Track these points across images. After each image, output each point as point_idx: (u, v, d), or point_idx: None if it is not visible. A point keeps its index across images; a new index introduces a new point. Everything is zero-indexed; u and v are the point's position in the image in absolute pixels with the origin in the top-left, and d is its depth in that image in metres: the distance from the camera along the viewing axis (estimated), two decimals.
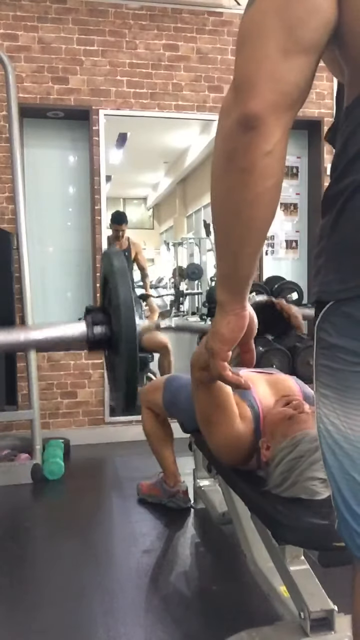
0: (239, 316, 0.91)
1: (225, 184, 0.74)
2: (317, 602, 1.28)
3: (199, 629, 1.65)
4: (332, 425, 0.75)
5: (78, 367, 3.60)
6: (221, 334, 0.93)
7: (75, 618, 1.71)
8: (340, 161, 0.71)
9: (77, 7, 3.49)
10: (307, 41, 0.64)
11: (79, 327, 1.12)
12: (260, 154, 0.68)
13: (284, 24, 0.63)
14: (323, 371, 0.76)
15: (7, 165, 3.25)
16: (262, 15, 0.65)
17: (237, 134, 0.68)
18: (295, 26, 0.63)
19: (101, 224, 3.59)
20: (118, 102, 3.57)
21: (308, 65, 0.65)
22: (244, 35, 0.67)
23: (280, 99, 0.65)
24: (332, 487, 0.78)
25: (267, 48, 0.64)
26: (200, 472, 2.45)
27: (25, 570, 2.02)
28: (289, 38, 0.63)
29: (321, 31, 0.64)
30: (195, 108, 3.69)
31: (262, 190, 0.71)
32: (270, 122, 0.66)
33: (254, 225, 0.76)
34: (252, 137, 0.67)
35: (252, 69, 0.65)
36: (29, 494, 2.80)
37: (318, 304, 0.75)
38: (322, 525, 1.23)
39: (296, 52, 0.64)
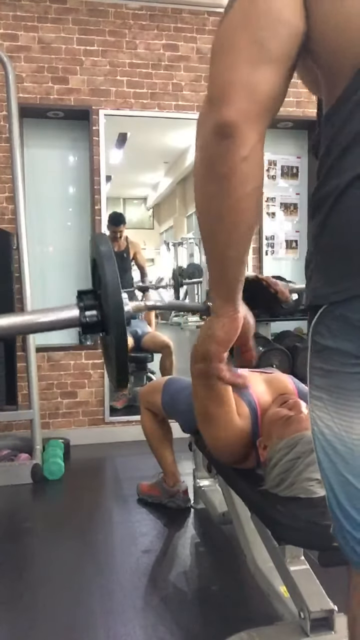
0: (232, 318, 0.92)
1: (206, 191, 0.76)
2: (317, 602, 1.28)
3: (199, 629, 1.65)
4: (326, 428, 0.75)
5: (78, 367, 3.60)
6: (216, 337, 0.94)
7: (75, 618, 1.71)
8: (323, 165, 0.72)
9: (77, 7, 3.49)
10: (275, 52, 0.66)
11: (71, 312, 1.14)
12: (236, 160, 0.69)
13: (252, 36, 0.66)
14: (317, 374, 0.76)
15: (7, 165, 3.25)
16: (233, 29, 0.68)
17: (214, 143, 0.70)
18: (262, 38, 0.66)
19: (101, 224, 3.59)
20: (118, 102, 3.57)
21: (278, 75, 0.68)
22: (216, 48, 0.70)
23: (253, 107, 0.67)
24: (326, 489, 0.78)
25: (238, 59, 0.67)
26: (200, 472, 2.45)
27: (25, 570, 2.02)
28: (257, 49, 0.66)
29: (288, 42, 0.66)
30: (195, 108, 3.69)
31: (242, 195, 0.72)
32: (245, 130, 0.68)
33: (237, 230, 0.77)
34: (228, 145, 0.69)
35: (225, 80, 0.68)
36: (29, 494, 2.80)
37: (312, 308, 0.75)
38: (322, 525, 1.22)
39: (265, 63, 0.66)
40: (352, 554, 0.77)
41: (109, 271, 1.08)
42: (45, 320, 1.15)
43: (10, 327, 1.13)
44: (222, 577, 1.95)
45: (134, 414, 3.21)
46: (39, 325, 1.16)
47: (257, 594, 1.64)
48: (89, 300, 1.16)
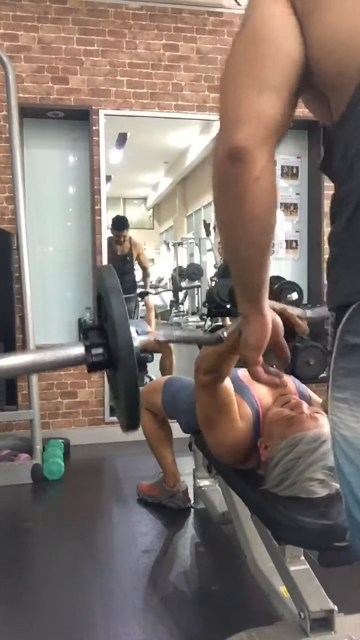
0: (261, 323, 0.97)
1: (224, 210, 0.81)
2: (317, 602, 1.28)
3: (199, 629, 1.66)
4: (348, 430, 0.73)
5: (78, 367, 3.59)
6: (250, 343, 1.00)
7: (75, 618, 1.71)
8: (342, 167, 0.73)
9: (77, 7, 3.48)
10: (276, 80, 0.72)
11: (76, 350, 1.09)
12: (249, 181, 0.74)
13: (256, 66, 0.72)
14: (341, 373, 0.74)
15: (7, 165, 3.25)
16: (238, 61, 0.74)
17: (227, 166, 0.75)
18: (264, 67, 0.72)
19: (101, 224, 3.59)
20: (118, 102, 3.57)
21: (282, 101, 0.73)
22: (224, 79, 0.76)
23: (261, 131, 0.72)
24: (345, 494, 0.75)
25: (244, 88, 0.72)
26: (200, 472, 2.45)
27: (25, 570, 2.02)
28: (262, 78, 0.72)
29: (288, 70, 0.72)
30: (195, 108, 3.69)
31: (257, 213, 0.77)
32: (254, 152, 0.73)
33: (255, 244, 0.83)
34: (240, 167, 0.73)
35: (234, 108, 0.73)
36: (29, 494, 2.80)
37: (340, 308, 0.75)
38: (322, 525, 1.23)
39: (269, 90, 0.71)
40: None
41: (116, 307, 1.03)
42: (48, 360, 1.10)
43: (11, 368, 1.09)
44: (222, 577, 1.95)
45: None
46: (41, 365, 1.10)
47: (257, 594, 1.64)
48: (94, 338, 1.11)
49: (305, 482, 1.33)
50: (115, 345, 1.03)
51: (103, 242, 3.61)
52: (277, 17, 0.71)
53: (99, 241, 3.59)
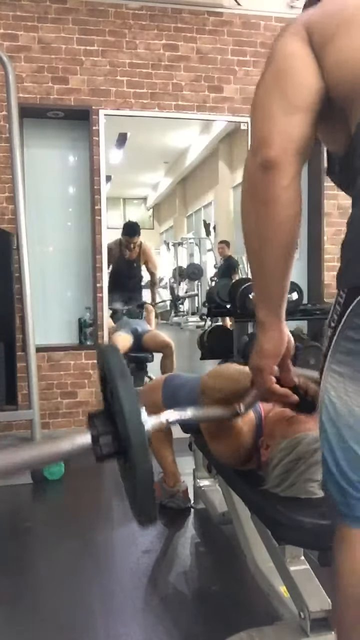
0: (280, 331, 1.02)
1: (253, 216, 0.91)
2: (317, 602, 1.28)
3: (199, 629, 1.65)
4: (337, 399, 0.83)
5: (78, 367, 3.60)
6: (265, 350, 1.03)
7: (75, 618, 1.71)
8: None
9: (77, 7, 3.49)
10: (300, 103, 0.85)
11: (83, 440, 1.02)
12: (279, 188, 0.86)
13: (282, 93, 0.86)
14: (342, 351, 0.83)
15: (7, 165, 3.25)
16: (267, 89, 0.88)
17: (260, 176, 0.87)
18: (290, 94, 0.86)
19: (101, 224, 3.59)
20: (118, 102, 3.57)
21: (306, 121, 0.86)
22: (255, 105, 0.90)
23: (290, 146, 0.85)
24: (325, 452, 0.87)
25: (274, 112, 0.86)
26: (200, 472, 2.45)
27: (25, 570, 2.02)
28: (287, 103, 0.85)
29: (309, 95, 0.85)
30: (195, 108, 3.69)
31: (284, 218, 0.88)
32: (285, 164, 0.85)
33: (280, 249, 0.91)
34: (272, 176, 0.86)
35: (265, 128, 0.87)
36: (29, 494, 2.80)
37: (352, 290, 0.81)
38: (322, 525, 1.23)
39: (295, 112, 0.85)
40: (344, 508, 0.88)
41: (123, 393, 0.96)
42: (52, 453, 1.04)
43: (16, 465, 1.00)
44: (222, 577, 1.95)
45: None
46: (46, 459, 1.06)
47: (257, 594, 1.64)
48: (102, 426, 1.03)
49: (305, 483, 1.33)
50: (125, 433, 0.96)
51: (103, 242, 3.60)
52: (297, 52, 0.86)
53: (99, 241, 3.59)
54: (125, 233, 4.45)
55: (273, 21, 3.75)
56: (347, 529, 0.88)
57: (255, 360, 1.05)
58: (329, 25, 0.84)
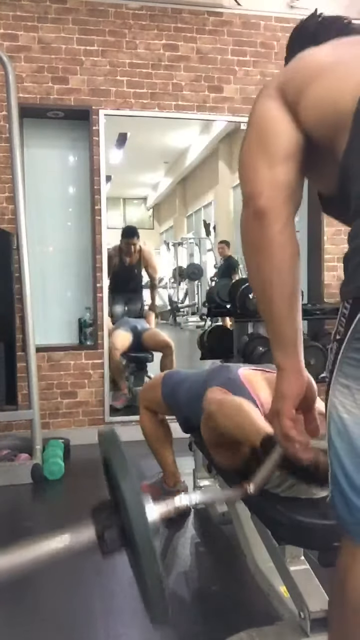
0: (298, 373, 1.01)
1: (254, 263, 0.97)
2: (317, 602, 1.28)
3: (199, 629, 1.65)
4: (347, 413, 0.83)
5: (78, 367, 3.60)
6: (284, 393, 1.01)
7: (75, 618, 1.71)
8: None
9: (77, 7, 3.48)
10: (282, 154, 0.91)
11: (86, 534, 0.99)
12: (273, 233, 0.91)
13: (264, 149, 0.93)
14: (350, 364, 0.83)
15: (7, 165, 3.25)
16: (250, 147, 0.96)
17: (255, 225, 0.93)
18: (271, 149, 0.92)
19: (101, 224, 3.59)
20: (118, 102, 3.57)
21: (290, 169, 0.92)
22: (242, 163, 0.97)
23: (277, 194, 0.91)
24: (333, 467, 0.85)
25: (259, 165, 0.93)
26: (200, 472, 2.44)
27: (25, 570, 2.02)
28: (270, 156, 0.92)
29: (289, 146, 0.92)
30: (195, 108, 3.69)
31: (282, 258, 0.93)
32: (274, 210, 0.91)
33: (284, 290, 0.95)
34: (264, 223, 0.91)
35: (252, 181, 0.93)
36: (29, 494, 2.80)
37: (358, 299, 0.81)
38: (322, 525, 1.23)
39: (278, 163, 0.91)
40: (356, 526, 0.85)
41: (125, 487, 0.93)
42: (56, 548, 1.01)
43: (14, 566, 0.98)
44: (222, 577, 1.95)
45: (133, 414, 3.20)
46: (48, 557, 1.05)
47: (257, 594, 1.64)
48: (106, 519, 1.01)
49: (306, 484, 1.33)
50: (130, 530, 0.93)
51: (103, 242, 3.60)
52: (274, 113, 0.93)
53: (99, 241, 3.59)
54: (124, 236, 4.47)
55: (273, 21, 3.75)
56: (356, 546, 0.86)
57: (274, 404, 1.03)
58: (301, 79, 0.92)
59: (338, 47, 0.94)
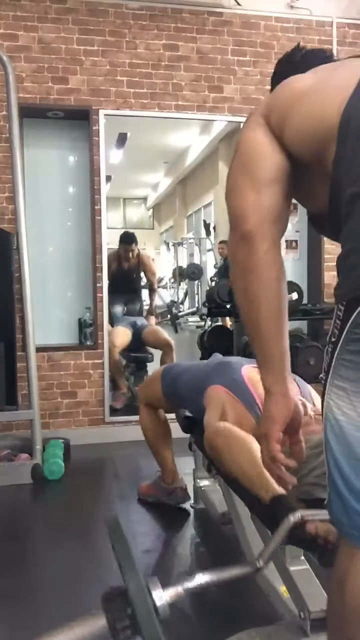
0: (286, 396, 1.02)
1: (241, 284, 0.99)
2: (317, 602, 1.28)
3: (199, 629, 1.65)
4: (343, 415, 0.83)
5: (78, 367, 3.60)
6: (271, 415, 1.02)
7: (75, 618, 1.71)
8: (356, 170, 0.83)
9: (77, 7, 3.49)
10: (267, 178, 0.94)
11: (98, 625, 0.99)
12: (260, 254, 0.94)
13: (250, 174, 0.96)
14: (345, 365, 0.83)
15: (7, 165, 3.25)
16: (236, 173, 0.98)
17: (242, 247, 0.96)
18: (257, 173, 0.95)
19: (101, 224, 3.59)
20: (118, 102, 3.57)
21: (275, 193, 0.94)
22: (229, 188, 1.00)
23: (262, 217, 0.94)
24: (331, 471, 0.85)
25: (245, 191, 0.95)
26: (200, 472, 2.44)
27: (25, 571, 2.02)
28: (255, 181, 0.95)
29: (275, 170, 0.95)
30: (195, 108, 3.69)
31: (270, 278, 0.96)
32: (260, 233, 0.94)
33: (271, 308, 0.97)
34: (252, 245, 0.94)
35: (239, 206, 0.96)
36: (29, 494, 2.80)
37: (351, 301, 0.81)
38: None
39: (263, 187, 0.94)
40: (354, 530, 0.84)
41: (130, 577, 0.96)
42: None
43: None
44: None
45: (133, 413, 3.21)
46: None
47: (257, 594, 1.64)
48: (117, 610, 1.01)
49: (307, 486, 1.33)
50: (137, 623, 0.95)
51: (103, 242, 3.60)
52: (259, 139, 0.96)
53: (99, 241, 3.59)
54: (122, 242, 4.51)
55: (273, 21, 3.75)
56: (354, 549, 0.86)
57: (262, 426, 1.05)
58: (285, 104, 0.95)
59: (318, 72, 0.98)
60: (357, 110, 0.84)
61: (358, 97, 0.85)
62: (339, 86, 0.88)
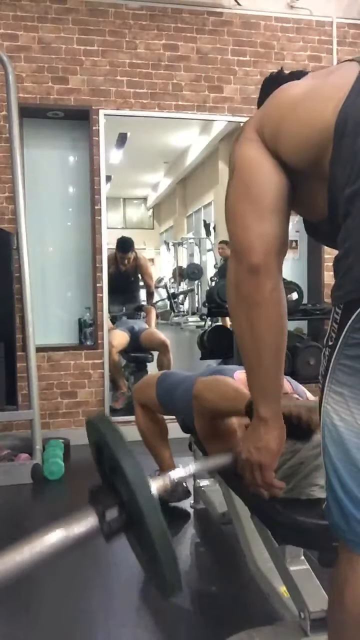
0: (282, 428, 1.05)
1: (244, 317, 0.97)
2: (317, 602, 1.28)
3: (199, 629, 1.65)
4: (341, 421, 0.82)
5: (78, 367, 3.60)
6: (271, 449, 1.05)
7: (75, 618, 1.71)
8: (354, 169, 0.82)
9: (77, 7, 3.48)
10: (270, 207, 0.93)
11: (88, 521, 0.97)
12: (267, 290, 0.94)
13: (252, 201, 0.94)
14: (343, 370, 0.82)
15: (7, 165, 3.25)
16: (237, 198, 0.97)
17: (248, 281, 0.94)
18: (258, 197, 0.93)
19: (101, 224, 3.59)
20: (118, 102, 3.57)
21: (279, 222, 0.94)
22: (230, 212, 0.98)
23: (269, 248, 0.93)
24: (329, 475, 0.85)
25: (248, 221, 0.94)
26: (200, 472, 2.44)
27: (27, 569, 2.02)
28: (259, 209, 0.93)
29: (277, 196, 0.92)
30: (195, 108, 3.69)
31: (275, 317, 0.96)
32: (267, 267, 0.93)
33: (276, 343, 0.97)
34: (258, 280, 0.93)
35: (245, 237, 0.94)
36: (29, 494, 2.80)
37: (349, 304, 0.80)
38: (322, 525, 1.22)
39: (267, 217, 0.93)
40: (352, 536, 0.85)
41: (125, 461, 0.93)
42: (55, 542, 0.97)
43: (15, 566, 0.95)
44: (222, 577, 1.95)
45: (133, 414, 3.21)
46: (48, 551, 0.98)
47: (257, 594, 1.64)
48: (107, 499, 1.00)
49: (306, 487, 1.33)
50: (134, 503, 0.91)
51: (103, 242, 3.60)
52: (256, 159, 0.94)
53: (99, 241, 3.59)
54: (119, 249, 4.50)
55: (273, 21, 3.75)
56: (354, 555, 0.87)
57: (256, 456, 1.07)
58: (278, 113, 0.94)
59: (313, 77, 0.98)
60: (353, 109, 0.83)
61: (354, 96, 0.84)
62: (334, 87, 0.88)
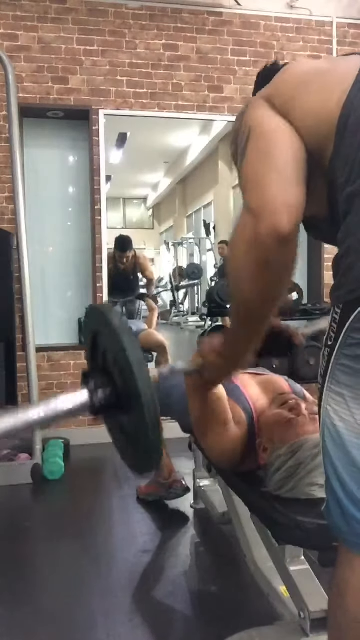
0: None
1: (261, 282, 0.90)
2: (317, 602, 1.28)
3: (199, 629, 1.65)
4: (341, 422, 0.82)
5: (78, 367, 3.60)
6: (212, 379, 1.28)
7: (75, 618, 1.71)
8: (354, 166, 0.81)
9: (77, 7, 3.48)
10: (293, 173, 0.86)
11: (80, 397, 0.98)
12: (293, 258, 0.90)
13: (273, 160, 0.87)
14: (343, 371, 0.81)
15: (7, 165, 3.25)
16: (258, 155, 0.89)
17: (275, 247, 0.85)
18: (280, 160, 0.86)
19: (101, 224, 3.59)
20: (118, 102, 3.57)
21: (301, 191, 0.87)
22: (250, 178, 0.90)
23: (294, 217, 0.86)
24: (329, 476, 0.84)
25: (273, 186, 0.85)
26: (200, 472, 2.44)
27: (24, 571, 2.02)
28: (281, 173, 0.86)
29: (297, 158, 0.87)
30: (195, 108, 3.69)
31: (288, 280, 0.94)
32: (294, 234, 0.87)
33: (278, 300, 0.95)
34: (288, 249, 0.87)
35: (269, 202, 0.85)
36: (29, 494, 2.80)
37: (348, 304, 0.79)
38: (322, 525, 1.22)
39: (290, 184, 0.86)
40: (353, 537, 0.84)
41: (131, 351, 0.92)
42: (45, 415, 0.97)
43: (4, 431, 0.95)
44: (222, 577, 1.95)
45: None
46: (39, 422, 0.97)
47: (257, 594, 1.64)
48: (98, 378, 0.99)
49: (306, 487, 1.33)
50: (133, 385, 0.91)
51: (103, 242, 3.60)
52: (271, 117, 0.89)
53: (99, 241, 3.59)
54: (117, 248, 4.50)
55: (273, 21, 3.75)
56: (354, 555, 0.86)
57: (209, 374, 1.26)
58: (287, 91, 0.91)
59: (324, 60, 0.98)
60: (355, 104, 0.83)
61: (356, 90, 0.84)
62: (340, 74, 0.87)
